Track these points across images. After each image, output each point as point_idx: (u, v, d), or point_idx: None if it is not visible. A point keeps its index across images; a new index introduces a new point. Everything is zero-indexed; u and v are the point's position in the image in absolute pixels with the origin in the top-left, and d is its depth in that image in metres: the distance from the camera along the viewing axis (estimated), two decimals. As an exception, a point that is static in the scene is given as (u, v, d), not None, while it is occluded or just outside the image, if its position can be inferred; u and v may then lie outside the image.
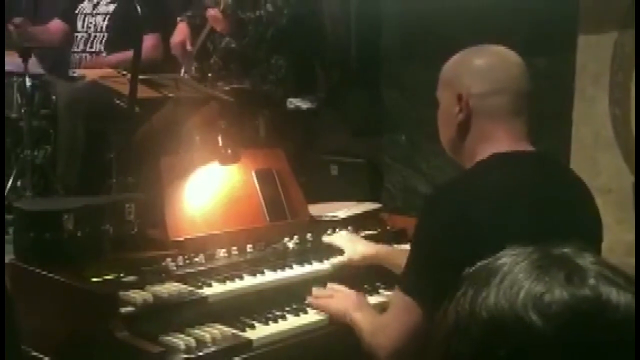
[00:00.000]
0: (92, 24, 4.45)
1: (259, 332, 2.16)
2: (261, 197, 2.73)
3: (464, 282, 0.84)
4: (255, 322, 2.20)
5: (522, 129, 1.87)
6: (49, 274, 2.23)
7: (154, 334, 2.03)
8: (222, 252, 2.48)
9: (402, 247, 2.62)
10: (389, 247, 2.61)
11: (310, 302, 2.32)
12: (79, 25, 4.48)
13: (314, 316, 2.30)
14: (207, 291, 2.24)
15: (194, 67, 4.02)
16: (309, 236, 2.71)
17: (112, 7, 4.43)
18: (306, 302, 2.33)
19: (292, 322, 2.25)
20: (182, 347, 1.98)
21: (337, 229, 2.76)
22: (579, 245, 0.84)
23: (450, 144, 1.94)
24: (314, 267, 2.54)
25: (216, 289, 2.27)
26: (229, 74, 3.90)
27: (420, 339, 1.79)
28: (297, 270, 2.51)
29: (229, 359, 2.03)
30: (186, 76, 3.93)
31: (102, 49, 4.40)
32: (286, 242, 2.65)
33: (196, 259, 2.41)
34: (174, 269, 2.33)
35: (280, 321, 2.24)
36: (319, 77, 4.32)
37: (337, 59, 4.24)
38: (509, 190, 1.79)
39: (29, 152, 3.89)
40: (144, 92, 3.32)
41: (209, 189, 2.64)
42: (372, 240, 2.66)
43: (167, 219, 2.50)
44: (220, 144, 2.79)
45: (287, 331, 2.21)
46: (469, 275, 0.84)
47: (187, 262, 2.39)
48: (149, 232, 2.54)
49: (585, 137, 3.14)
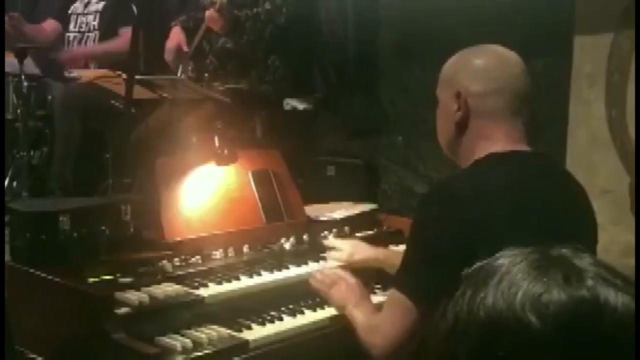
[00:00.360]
0: (84, 23, 4.45)
1: (256, 333, 2.16)
2: (258, 198, 2.74)
3: (462, 282, 0.84)
4: (251, 323, 2.20)
5: (520, 129, 1.87)
6: (45, 275, 2.23)
7: (150, 335, 2.03)
8: (218, 253, 2.48)
9: (399, 248, 2.62)
10: (389, 250, 2.61)
11: (311, 282, 2.29)
12: (72, 25, 4.49)
13: (310, 317, 2.30)
14: (203, 292, 2.24)
15: (190, 68, 4.01)
16: (305, 237, 2.71)
17: (101, 5, 4.43)
18: (307, 287, 2.29)
19: (288, 322, 2.25)
20: (179, 348, 1.98)
21: (334, 230, 2.76)
22: (577, 246, 0.84)
23: (447, 143, 1.94)
24: (311, 267, 2.54)
25: (212, 289, 2.27)
26: (226, 74, 3.90)
27: (415, 338, 1.78)
28: (293, 271, 2.51)
29: (225, 360, 2.03)
30: (183, 76, 3.92)
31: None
32: (283, 243, 2.65)
33: (192, 260, 2.41)
34: (171, 270, 2.33)
35: (276, 322, 2.24)
36: (316, 78, 4.32)
37: (335, 59, 4.24)
38: (506, 190, 1.78)
39: (25, 153, 3.88)
40: (139, 92, 3.32)
41: (206, 190, 2.63)
42: (368, 241, 2.67)
43: (163, 219, 2.50)
44: (216, 144, 2.79)
45: (283, 332, 2.21)
46: (468, 275, 0.84)
47: (184, 263, 2.39)
48: (145, 233, 2.54)
49: (581, 138, 3.14)
